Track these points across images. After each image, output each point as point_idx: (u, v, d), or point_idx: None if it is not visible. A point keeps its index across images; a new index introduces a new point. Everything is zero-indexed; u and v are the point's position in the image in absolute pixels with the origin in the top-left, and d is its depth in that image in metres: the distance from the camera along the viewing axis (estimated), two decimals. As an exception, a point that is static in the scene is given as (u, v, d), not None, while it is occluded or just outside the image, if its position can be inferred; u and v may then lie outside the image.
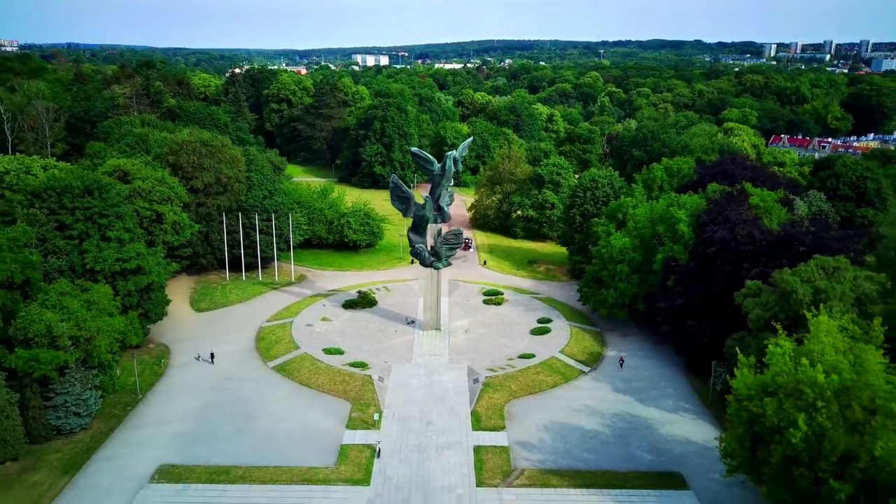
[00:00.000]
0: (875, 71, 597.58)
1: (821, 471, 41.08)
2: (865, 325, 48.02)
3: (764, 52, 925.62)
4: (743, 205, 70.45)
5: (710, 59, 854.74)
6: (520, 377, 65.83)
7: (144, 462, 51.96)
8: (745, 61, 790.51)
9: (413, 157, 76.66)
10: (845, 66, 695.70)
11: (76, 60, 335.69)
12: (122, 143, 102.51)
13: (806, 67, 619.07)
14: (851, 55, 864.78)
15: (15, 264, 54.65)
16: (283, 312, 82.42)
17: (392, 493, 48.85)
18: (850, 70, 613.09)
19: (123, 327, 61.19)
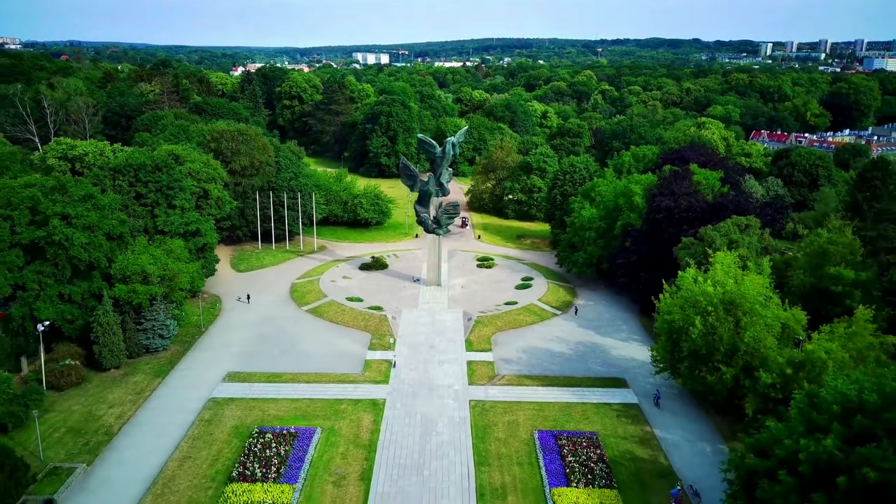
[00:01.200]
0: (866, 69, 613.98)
1: (715, 361, 57.49)
2: (758, 262, 64.32)
3: (760, 51, 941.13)
4: (687, 181, 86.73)
5: (706, 57, 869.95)
6: (504, 317, 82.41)
7: (215, 371, 68.36)
8: (740, 60, 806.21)
9: (419, 142, 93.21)
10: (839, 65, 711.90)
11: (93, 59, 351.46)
12: (167, 132, 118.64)
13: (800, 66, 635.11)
14: (847, 54, 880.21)
15: (114, 220, 71.00)
16: (310, 273, 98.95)
17: (405, 388, 65.26)
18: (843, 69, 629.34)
19: (193, 272, 77.52)
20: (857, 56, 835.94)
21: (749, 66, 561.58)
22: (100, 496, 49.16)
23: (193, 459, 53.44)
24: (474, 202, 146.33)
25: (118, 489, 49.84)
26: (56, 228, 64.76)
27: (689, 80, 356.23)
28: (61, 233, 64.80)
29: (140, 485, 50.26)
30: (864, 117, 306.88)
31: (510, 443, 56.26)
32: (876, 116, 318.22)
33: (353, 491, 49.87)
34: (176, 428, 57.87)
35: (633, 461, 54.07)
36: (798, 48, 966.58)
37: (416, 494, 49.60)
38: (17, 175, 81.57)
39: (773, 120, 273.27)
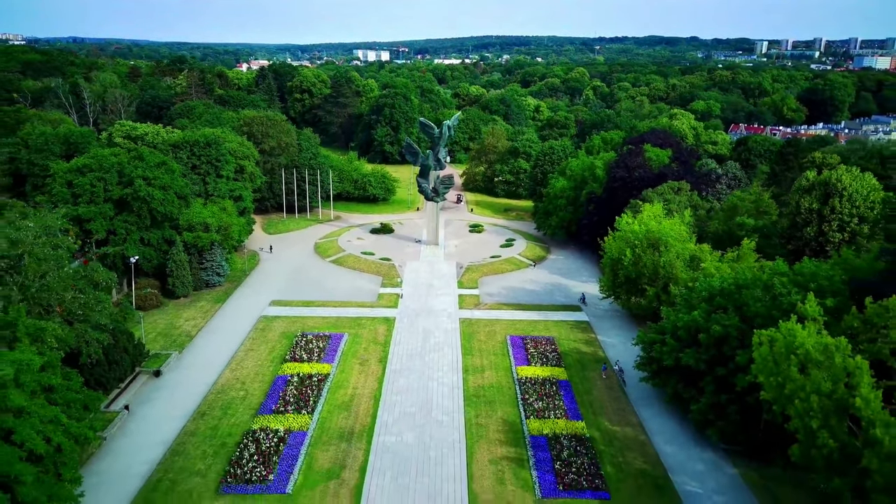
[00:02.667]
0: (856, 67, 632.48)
1: (642, 283, 76.88)
2: (682, 212, 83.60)
3: (756, 50, 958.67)
4: (640, 157, 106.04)
5: (702, 55, 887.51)
6: (489, 266, 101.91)
7: (262, 299, 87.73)
8: (736, 58, 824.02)
9: (421, 125, 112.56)
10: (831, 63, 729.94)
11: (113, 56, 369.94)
12: (203, 119, 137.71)
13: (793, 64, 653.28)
14: (841, 52, 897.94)
15: (182, 182, 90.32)
16: (329, 235, 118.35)
17: (410, 311, 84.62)
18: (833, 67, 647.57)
19: (240, 226, 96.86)
20: (851, 54, 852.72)
21: (735, 63, 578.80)
22: (191, 371, 68.50)
23: (255, 351, 72.85)
24: (468, 183, 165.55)
25: (203, 367, 69.17)
26: (140, 187, 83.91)
27: (676, 77, 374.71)
28: (144, 190, 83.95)
29: (219, 365, 69.59)
30: (838, 112, 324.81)
31: (488, 343, 75.75)
32: (851, 111, 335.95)
33: (374, 368, 69.28)
34: (238, 334, 77.31)
35: (578, 353, 73.52)
36: (793, 46, 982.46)
37: (419, 370, 68.99)
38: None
39: (751, 114, 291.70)
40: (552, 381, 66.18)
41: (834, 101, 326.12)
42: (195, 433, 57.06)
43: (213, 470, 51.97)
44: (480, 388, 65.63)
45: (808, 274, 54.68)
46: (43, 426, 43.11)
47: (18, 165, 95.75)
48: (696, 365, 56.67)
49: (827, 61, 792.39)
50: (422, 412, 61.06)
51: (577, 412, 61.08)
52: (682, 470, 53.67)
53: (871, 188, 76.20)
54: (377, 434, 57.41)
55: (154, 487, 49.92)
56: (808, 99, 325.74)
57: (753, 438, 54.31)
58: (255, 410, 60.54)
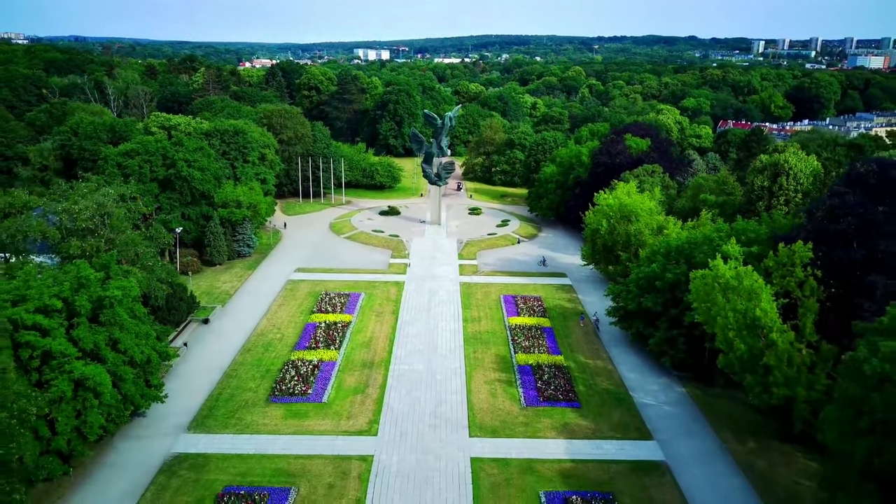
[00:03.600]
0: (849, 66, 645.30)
1: (616, 249, 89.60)
2: (653, 190, 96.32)
3: (753, 49, 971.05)
4: (621, 145, 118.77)
5: (700, 54, 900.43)
6: (486, 242, 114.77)
7: (288, 266, 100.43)
8: (733, 57, 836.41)
9: (425, 116, 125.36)
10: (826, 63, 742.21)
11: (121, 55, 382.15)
12: (224, 112, 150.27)
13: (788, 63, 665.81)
14: (837, 52, 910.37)
15: (217, 165, 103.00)
16: (342, 216, 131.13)
17: (417, 276, 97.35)
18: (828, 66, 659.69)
19: (267, 204, 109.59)
20: (846, 54, 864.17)
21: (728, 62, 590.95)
22: (234, 320, 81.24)
23: (286, 306, 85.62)
24: (468, 173, 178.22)
25: (243, 317, 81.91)
26: (182, 168, 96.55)
27: (669, 76, 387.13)
28: (186, 171, 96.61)
29: (256, 316, 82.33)
30: (824, 109, 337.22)
31: (484, 300, 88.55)
32: (838, 109, 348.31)
33: (388, 318, 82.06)
34: (270, 293, 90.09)
35: (560, 308, 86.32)
36: (790, 46, 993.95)
37: (425, 320, 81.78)
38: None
39: (740, 111, 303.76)
40: (538, 328, 78.97)
41: (820, 99, 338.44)
42: (244, 363, 69.88)
43: (262, 387, 64.76)
44: (477, 333, 78.45)
45: (741, 230, 67.56)
46: (137, 341, 55.89)
47: (70, 151, 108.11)
48: (654, 307, 69.49)
49: (822, 60, 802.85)
50: (429, 349, 73.86)
51: (558, 349, 73.91)
52: (641, 389, 66.48)
53: (812, 168, 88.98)
54: (393, 364, 70.22)
55: (217, 398, 62.73)
56: (795, 97, 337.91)
57: (699, 365, 67.08)
58: (291, 347, 73.36)
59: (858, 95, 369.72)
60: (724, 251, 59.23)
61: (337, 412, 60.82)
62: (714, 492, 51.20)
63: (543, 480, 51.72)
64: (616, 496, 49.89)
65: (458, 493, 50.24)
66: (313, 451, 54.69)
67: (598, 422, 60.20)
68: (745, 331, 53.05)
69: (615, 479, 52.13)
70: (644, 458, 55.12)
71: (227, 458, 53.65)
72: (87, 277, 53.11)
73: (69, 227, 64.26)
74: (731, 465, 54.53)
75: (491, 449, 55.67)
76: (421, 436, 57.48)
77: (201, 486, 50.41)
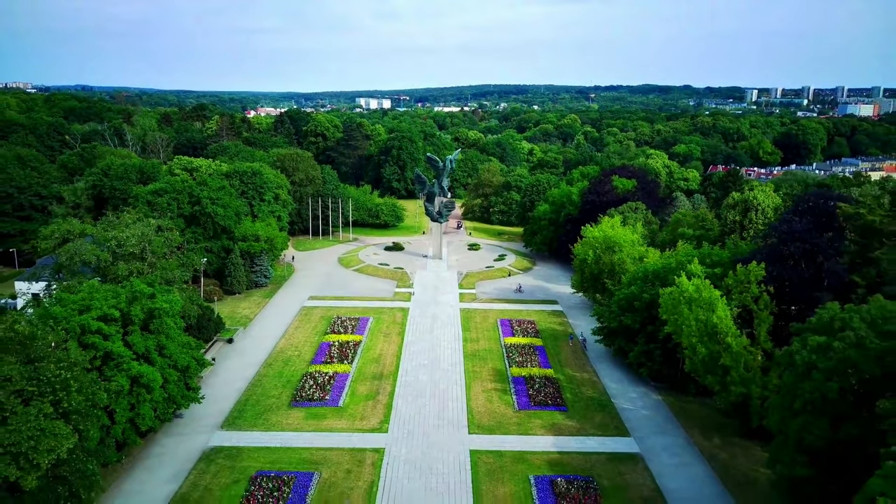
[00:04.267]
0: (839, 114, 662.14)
1: (602, 278, 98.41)
2: (635, 224, 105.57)
3: (746, 97, 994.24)
4: (608, 185, 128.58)
5: (694, 103, 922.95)
6: (484, 273, 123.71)
7: (301, 295, 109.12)
8: (727, 106, 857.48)
9: (427, 159, 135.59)
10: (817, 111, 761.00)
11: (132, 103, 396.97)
12: (239, 156, 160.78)
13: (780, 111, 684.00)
14: (829, 100, 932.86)
15: (237, 203, 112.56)
16: (350, 252, 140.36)
17: (421, 303, 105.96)
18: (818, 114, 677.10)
19: (282, 239, 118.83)
20: (838, 102, 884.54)
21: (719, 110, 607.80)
22: (255, 340, 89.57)
23: (301, 328, 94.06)
24: (467, 213, 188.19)
25: (263, 338, 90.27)
26: (207, 205, 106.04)
27: (661, 123, 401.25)
28: (210, 207, 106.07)
29: (275, 337, 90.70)
30: (811, 155, 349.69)
31: (482, 323, 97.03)
32: (825, 154, 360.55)
33: (395, 338, 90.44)
34: (287, 317, 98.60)
35: (552, 330, 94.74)
36: (782, 94, 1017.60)
37: (429, 339, 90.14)
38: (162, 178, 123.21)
39: (729, 157, 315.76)
40: (530, 346, 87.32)
41: (807, 145, 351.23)
42: (266, 375, 78.12)
43: (285, 395, 72.91)
44: (476, 351, 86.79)
45: (706, 254, 76.69)
46: (180, 348, 64.38)
47: (102, 190, 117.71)
48: (633, 325, 78.05)
49: (814, 108, 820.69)
50: (432, 364, 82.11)
51: (548, 363, 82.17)
52: (621, 397, 74.58)
53: (777, 204, 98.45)
54: (400, 376, 78.42)
55: (245, 402, 70.86)
56: (783, 143, 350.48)
57: (673, 376, 75.31)
58: (308, 362, 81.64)
59: (845, 142, 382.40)
60: (688, 270, 68.11)
61: (351, 414, 68.89)
62: (680, 476, 59.05)
63: (533, 467, 59.60)
64: (596, 479, 57.68)
65: (458, 477, 58.06)
66: (332, 445, 62.68)
67: (582, 422, 68.23)
68: (706, 336, 61.61)
69: (595, 467, 60.00)
70: (621, 450, 63.04)
71: (257, 450, 61.60)
72: (141, 292, 61.88)
73: (117, 252, 73.20)
74: (696, 456, 62.45)
75: (488, 443, 63.66)
76: (426, 433, 65.46)
77: (236, 470, 58.30)
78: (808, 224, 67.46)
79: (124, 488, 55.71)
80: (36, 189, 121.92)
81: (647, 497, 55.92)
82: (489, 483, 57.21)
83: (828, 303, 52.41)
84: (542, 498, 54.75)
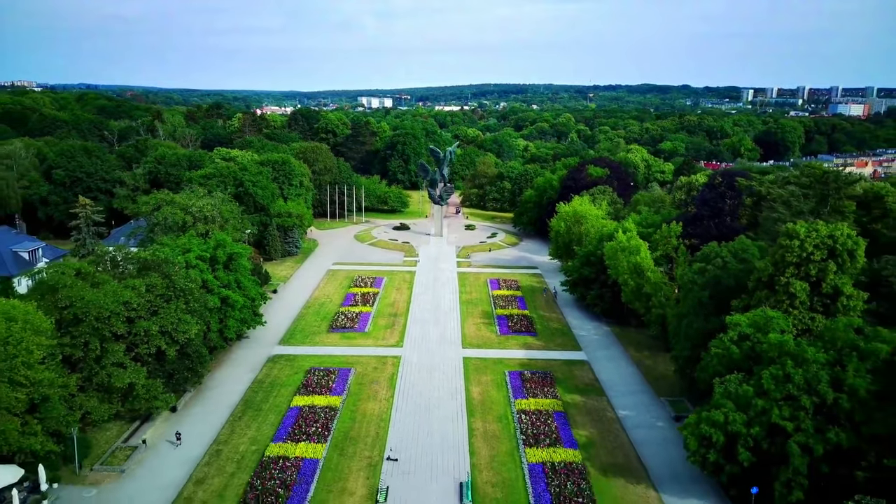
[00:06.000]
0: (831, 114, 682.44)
1: (572, 246, 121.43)
2: (601, 203, 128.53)
3: (742, 97, 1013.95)
4: (583, 172, 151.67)
5: (691, 102, 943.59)
6: (478, 247, 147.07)
7: (327, 262, 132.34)
8: (723, 105, 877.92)
9: (430, 150, 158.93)
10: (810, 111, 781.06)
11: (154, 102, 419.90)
12: (265, 149, 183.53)
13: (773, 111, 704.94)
14: (823, 100, 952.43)
15: (273, 185, 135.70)
16: (364, 230, 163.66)
17: (425, 268, 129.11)
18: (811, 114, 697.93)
19: (309, 216, 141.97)
20: (833, 102, 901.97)
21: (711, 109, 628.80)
22: (294, 292, 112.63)
23: (330, 284, 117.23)
24: (465, 201, 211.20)
25: (300, 290, 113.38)
26: (249, 186, 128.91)
27: (650, 121, 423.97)
28: (252, 188, 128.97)
29: (310, 289, 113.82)
30: (789, 151, 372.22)
31: (475, 282, 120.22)
32: (803, 151, 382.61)
33: (405, 292, 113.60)
34: (317, 277, 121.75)
35: (531, 286, 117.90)
36: (778, 94, 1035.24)
37: (432, 292, 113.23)
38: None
39: (712, 153, 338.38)
40: (513, 296, 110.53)
41: (785, 142, 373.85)
42: (307, 313, 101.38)
43: (323, 325, 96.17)
44: (469, 299, 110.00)
45: (644, 218, 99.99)
46: (250, 284, 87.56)
47: (157, 175, 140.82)
48: (590, 275, 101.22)
49: (807, 108, 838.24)
50: (435, 307, 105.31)
51: (525, 307, 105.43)
52: (579, 328, 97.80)
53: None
54: (410, 314, 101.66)
55: (294, 329, 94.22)
56: (763, 140, 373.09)
57: (619, 313, 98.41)
58: (339, 305, 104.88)
59: (825, 140, 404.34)
60: (624, 228, 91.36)
61: (375, 336, 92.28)
62: (614, 373, 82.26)
63: (508, 366, 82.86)
64: (552, 373, 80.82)
65: (454, 373, 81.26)
66: (362, 354, 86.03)
67: (547, 342, 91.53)
68: (634, 273, 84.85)
69: (553, 367, 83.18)
70: (574, 358, 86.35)
71: (307, 357, 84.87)
72: (224, 241, 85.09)
73: (196, 216, 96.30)
74: (628, 361, 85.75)
75: (475, 353, 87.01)
76: (431, 348, 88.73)
77: (294, 367, 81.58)
78: (715, 194, 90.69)
79: (218, 376, 78.98)
80: (101, 174, 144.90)
81: (588, 384, 79.22)
82: (475, 374, 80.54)
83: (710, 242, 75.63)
84: (512, 382, 78.01)
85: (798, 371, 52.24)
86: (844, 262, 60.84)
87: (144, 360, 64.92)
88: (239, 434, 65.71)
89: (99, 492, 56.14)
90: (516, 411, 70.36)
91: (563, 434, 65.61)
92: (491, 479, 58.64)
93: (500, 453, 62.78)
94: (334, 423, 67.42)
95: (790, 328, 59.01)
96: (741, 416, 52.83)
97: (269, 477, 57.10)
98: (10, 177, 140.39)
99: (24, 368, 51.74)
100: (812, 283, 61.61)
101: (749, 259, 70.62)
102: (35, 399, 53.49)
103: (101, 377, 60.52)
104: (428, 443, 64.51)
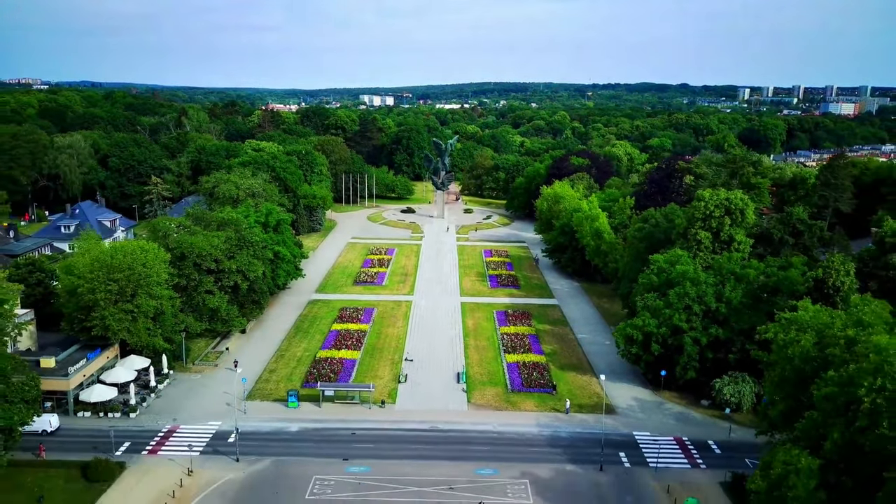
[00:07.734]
0: (822, 112, 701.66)
1: (552, 221, 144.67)
2: (578, 187, 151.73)
3: (739, 96, 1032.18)
4: (567, 162, 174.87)
5: (688, 101, 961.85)
6: (474, 226, 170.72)
7: (346, 237, 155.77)
8: (719, 103, 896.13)
9: (433, 143, 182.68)
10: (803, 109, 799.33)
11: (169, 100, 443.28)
12: (286, 142, 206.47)
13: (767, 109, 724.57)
14: (818, 99, 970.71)
15: (298, 171, 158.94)
16: (375, 212, 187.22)
17: (429, 242, 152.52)
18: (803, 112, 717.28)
19: (330, 199, 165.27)
20: (828, 100, 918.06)
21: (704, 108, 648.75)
22: (322, 258, 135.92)
23: (350, 253, 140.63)
24: (464, 190, 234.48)
25: (327, 257, 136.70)
26: (280, 171, 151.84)
27: (641, 119, 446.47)
28: (283, 174, 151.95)
29: (334, 256, 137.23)
30: (771, 148, 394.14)
31: (472, 253, 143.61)
32: (785, 148, 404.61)
33: (413, 259, 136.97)
34: (339, 248, 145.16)
35: (518, 255, 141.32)
36: (774, 93, 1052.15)
37: (435, 259, 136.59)
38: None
39: (697, 149, 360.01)
40: (502, 262, 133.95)
41: (767, 139, 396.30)
42: (334, 273, 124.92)
43: (349, 281, 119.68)
44: (466, 264, 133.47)
45: (607, 195, 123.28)
46: (292, 244, 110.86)
47: (199, 163, 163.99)
48: (565, 242, 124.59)
49: (802, 107, 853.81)
50: (438, 270, 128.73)
51: (512, 269, 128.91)
52: (554, 284, 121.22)
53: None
54: (418, 274, 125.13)
55: (325, 283, 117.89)
56: (747, 137, 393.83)
57: (588, 272, 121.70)
58: (360, 267, 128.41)
59: (807, 137, 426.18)
60: (589, 201, 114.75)
61: (391, 288, 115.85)
62: (578, 312, 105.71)
63: (496, 308, 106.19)
64: (530, 312, 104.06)
65: (453, 312, 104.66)
66: (381, 299, 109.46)
67: (528, 293, 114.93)
68: (595, 235, 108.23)
69: (531, 309, 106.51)
70: (548, 303, 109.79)
71: (339, 301, 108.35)
72: (272, 209, 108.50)
73: (245, 191, 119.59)
74: (590, 305, 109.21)
75: (470, 300, 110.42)
76: (435, 297, 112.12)
77: (330, 307, 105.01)
78: (662, 174, 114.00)
79: (271, 313, 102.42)
80: (150, 162, 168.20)
81: (557, 319, 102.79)
82: (470, 312, 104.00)
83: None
84: (499, 317, 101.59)
85: (693, 289, 75.47)
86: (737, 218, 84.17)
87: (226, 290, 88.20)
88: (295, 346, 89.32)
89: (202, 377, 79.58)
90: (500, 334, 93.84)
91: (534, 347, 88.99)
92: (479, 371, 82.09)
93: (487, 358, 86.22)
94: (365, 339, 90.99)
95: (695, 264, 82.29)
96: (654, 321, 76.00)
97: (322, 369, 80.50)
98: (73, 164, 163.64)
99: (155, 286, 74.97)
100: (714, 232, 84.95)
101: (674, 219, 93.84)
102: (157, 310, 76.69)
103: (196, 300, 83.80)
104: (434, 351, 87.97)
